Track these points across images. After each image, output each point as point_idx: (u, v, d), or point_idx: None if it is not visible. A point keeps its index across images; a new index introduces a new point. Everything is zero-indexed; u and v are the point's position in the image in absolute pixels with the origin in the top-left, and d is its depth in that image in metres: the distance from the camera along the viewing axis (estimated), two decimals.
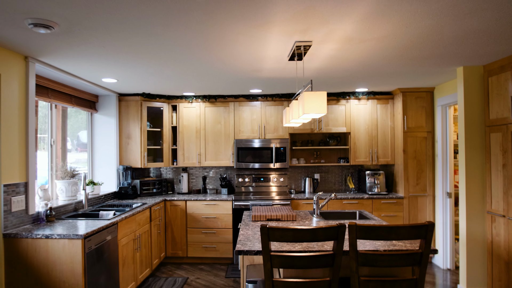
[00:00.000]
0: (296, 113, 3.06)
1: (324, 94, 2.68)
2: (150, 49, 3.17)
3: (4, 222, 3.10)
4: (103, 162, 5.46)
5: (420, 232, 2.21)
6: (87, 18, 2.42)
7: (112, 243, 3.65)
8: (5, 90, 3.12)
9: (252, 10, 2.31)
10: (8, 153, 3.14)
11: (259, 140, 5.70)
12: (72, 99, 4.73)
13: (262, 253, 2.23)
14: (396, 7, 2.28)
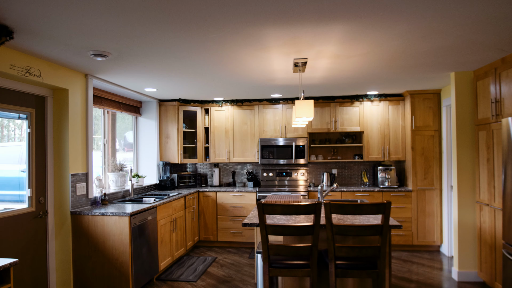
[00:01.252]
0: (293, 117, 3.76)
1: (311, 102, 3.37)
2: (180, 67, 3.99)
3: (71, 203, 4.04)
4: (146, 158, 6.40)
5: (379, 208, 2.84)
6: (132, 49, 3.26)
7: (152, 223, 4.52)
8: (72, 101, 4.06)
9: (253, 39, 3.04)
10: (74, 149, 4.08)
11: (280, 139, 6.41)
12: (121, 106, 5.69)
13: (259, 223, 2.96)
14: (364, 33, 2.93)
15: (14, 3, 2.25)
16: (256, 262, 3.69)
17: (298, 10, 2.41)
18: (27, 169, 3.76)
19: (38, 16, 2.47)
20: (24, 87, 3.63)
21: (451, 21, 2.68)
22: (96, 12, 2.40)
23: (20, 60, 3.30)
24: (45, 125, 3.97)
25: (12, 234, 3.50)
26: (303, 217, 3.74)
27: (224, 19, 2.57)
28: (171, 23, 2.64)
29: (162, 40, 3.02)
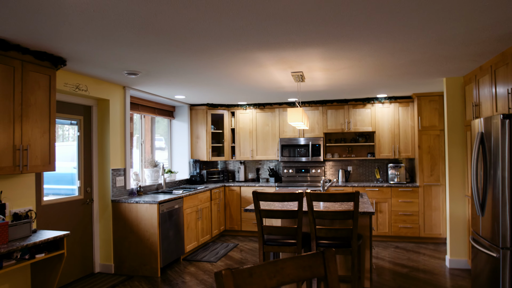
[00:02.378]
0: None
1: (300, 110, 4.00)
2: (198, 80, 4.76)
3: (112, 193, 4.94)
4: (179, 156, 7.28)
5: (350, 197, 3.43)
6: (156, 68, 4.07)
7: (179, 211, 5.34)
8: (112, 109, 4.96)
9: (249, 60, 3.74)
10: (114, 148, 4.98)
11: (299, 138, 7.04)
12: (155, 111, 6.58)
13: (254, 208, 3.66)
14: (339, 54, 3.52)
15: (67, 42, 3.10)
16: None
17: (279, 40, 3.08)
18: (77, 165, 4.71)
19: (84, 50, 3.33)
20: (74, 99, 4.57)
21: (409, 43, 3.22)
22: (126, 46, 3.21)
23: (71, 79, 4.22)
24: (91, 129, 4.90)
25: (67, 215, 4.44)
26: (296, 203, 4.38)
27: (221, 49, 3.29)
28: (180, 52, 3.40)
29: (177, 62, 3.80)
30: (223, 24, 2.69)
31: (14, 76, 3.18)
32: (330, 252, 1.43)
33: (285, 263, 1.37)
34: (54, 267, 3.51)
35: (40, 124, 3.45)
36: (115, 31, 2.83)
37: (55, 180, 4.60)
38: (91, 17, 2.51)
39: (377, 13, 2.50)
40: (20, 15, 2.47)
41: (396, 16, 2.57)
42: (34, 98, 3.38)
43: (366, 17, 2.58)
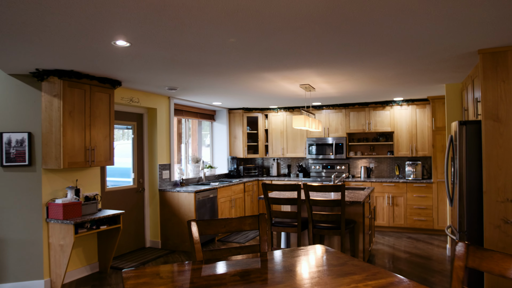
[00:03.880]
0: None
1: (301, 117, 4.85)
2: (223, 92, 5.76)
3: (159, 183, 6.11)
4: (219, 153, 8.37)
5: (337, 188, 4.24)
6: (189, 84, 5.13)
7: (214, 200, 6.40)
8: (159, 116, 6.13)
9: (259, 78, 4.66)
10: (161, 148, 6.15)
11: (324, 138, 7.82)
12: (198, 115, 7.71)
13: (264, 196, 4.58)
14: (330, 71, 4.32)
15: (120, 71, 4.24)
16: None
17: (274, 66, 3.98)
18: (132, 161, 5.93)
19: (133, 75, 4.46)
20: (129, 109, 5.78)
21: (388, 61, 3.96)
22: (162, 73, 4.28)
23: (126, 94, 5.41)
24: (142, 132, 6.10)
25: (124, 200, 5.67)
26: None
27: (234, 72, 4.26)
28: (201, 75, 4.42)
29: (201, 81, 4.83)
30: (230, 59, 3.65)
31: (85, 96, 4.38)
32: (263, 216, 2.35)
33: (232, 220, 2.32)
34: (113, 237, 4.70)
35: (103, 130, 4.65)
36: (151, 65, 3.90)
37: (117, 173, 5.86)
38: (133, 58, 3.59)
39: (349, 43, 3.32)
40: (89, 57, 3.60)
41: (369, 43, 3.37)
42: (98, 111, 4.58)
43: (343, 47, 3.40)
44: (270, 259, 2.16)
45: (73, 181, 4.57)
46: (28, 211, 4.18)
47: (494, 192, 3.55)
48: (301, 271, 1.96)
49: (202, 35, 2.90)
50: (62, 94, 4.12)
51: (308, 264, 2.08)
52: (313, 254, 2.26)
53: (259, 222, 2.33)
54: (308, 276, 1.86)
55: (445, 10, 2.40)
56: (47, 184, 4.28)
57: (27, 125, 4.20)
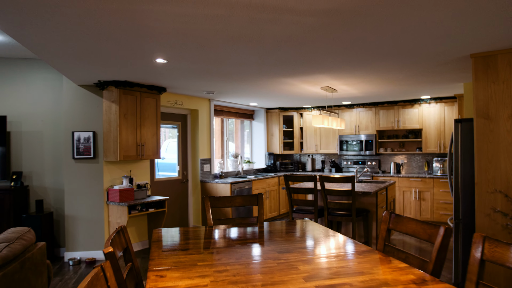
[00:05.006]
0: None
1: (319, 117, 5.43)
2: (253, 94, 6.47)
3: (200, 175, 6.97)
4: (257, 149, 9.11)
5: (348, 179, 4.79)
6: (224, 89, 5.90)
7: (249, 191, 7.15)
8: (201, 116, 6.98)
9: (281, 82, 5.31)
10: (202, 144, 7.00)
11: (354, 135, 8.28)
12: (237, 115, 8.50)
13: (286, 187, 5.25)
14: (343, 75, 4.87)
15: (165, 80, 5.10)
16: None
17: (290, 73, 4.62)
18: (177, 155, 6.84)
19: (176, 83, 5.31)
20: (175, 111, 6.69)
21: (394, 65, 4.46)
22: (199, 80, 5.09)
23: (171, 97, 6.31)
24: (186, 131, 6.99)
25: (170, 189, 6.59)
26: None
27: (258, 78, 4.95)
28: (232, 81, 5.16)
29: (233, 85, 5.57)
30: (251, 69, 4.36)
31: (136, 101, 5.30)
32: (260, 196, 3.04)
33: (237, 197, 3.03)
34: (160, 219, 5.60)
35: (151, 129, 5.56)
36: (186, 75, 4.71)
37: (167, 168, 6.81)
38: (171, 71, 4.41)
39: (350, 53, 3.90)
40: (138, 71, 4.48)
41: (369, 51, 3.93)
42: (147, 113, 5.49)
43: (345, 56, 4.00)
44: (264, 226, 2.84)
45: (127, 171, 5.53)
46: (93, 194, 5.18)
47: (484, 184, 3.94)
48: (284, 234, 2.62)
49: (220, 53, 3.64)
50: (118, 100, 5.06)
51: (290, 229, 2.74)
52: (293, 224, 2.91)
53: (258, 200, 3.02)
54: (286, 235, 2.52)
55: (439, 19, 2.75)
56: (107, 173, 5.26)
57: (92, 125, 5.20)
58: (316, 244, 2.33)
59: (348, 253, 2.11)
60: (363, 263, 1.89)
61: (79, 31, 2.90)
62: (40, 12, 2.47)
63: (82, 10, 2.45)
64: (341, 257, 2.01)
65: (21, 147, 5.26)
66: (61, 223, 5.37)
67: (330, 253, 2.12)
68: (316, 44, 3.34)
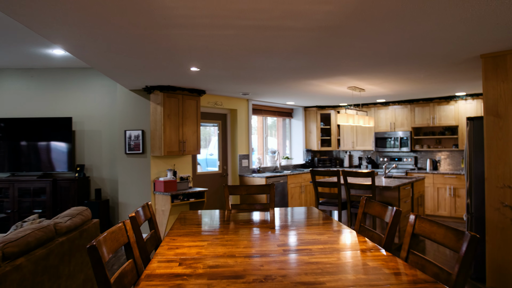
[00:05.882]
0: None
1: (344, 115, 5.78)
2: (285, 94, 6.93)
3: (239, 170, 7.57)
4: (295, 145, 9.56)
5: (369, 174, 5.13)
6: (258, 90, 6.44)
7: (284, 185, 7.64)
8: (239, 115, 7.58)
9: (308, 84, 5.74)
10: (240, 141, 7.60)
11: (390, 132, 8.46)
12: (275, 113, 9.01)
13: (312, 181, 5.68)
14: (367, 77, 5.20)
15: (204, 84, 5.73)
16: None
17: (314, 76, 5.05)
18: (218, 152, 7.50)
19: (214, 86, 5.94)
20: (215, 111, 7.34)
21: (411, 66, 4.74)
22: (235, 83, 5.67)
23: (211, 98, 6.96)
24: (226, 129, 7.63)
25: (211, 182, 7.26)
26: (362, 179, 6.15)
27: (282, 80, 5.43)
28: (264, 83, 5.68)
29: (265, 87, 6.08)
30: (273, 73, 4.85)
31: (178, 103, 6.00)
32: (272, 185, 3.55)
33: (252, 187, 3.56)
34: (200, 208, 6.27)
35: (192, 127, 6.23)
36: (219, 80, 5.30)
37: (213, 163, 7.50)
38: (205, 76, 5.02)
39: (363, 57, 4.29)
40: (178, 77, 5.14)
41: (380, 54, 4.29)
42: (188, 113, 6.17)
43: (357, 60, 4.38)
44: (274, 211, 3.35)
45: (171, 165, 6.25)
46: (142, 185, 5.97)
47: (494, 179, 4.13)
48: (290, 218, 3.11)
49: (241, 62, 4.17)
50: (163, 102, 5.78)
51: (298, 216, 3.22)
52: (298, 211, 3.38)
53: (270, 189, 3.53)
54: (284, 218, 3.01)
55: (450, 21, 2.93)
56: (154, 166, 6.01)
57: (141, 124, 5.98)
58: (304, 224, 2.79)
59: (326, 231, 2.55)
60: (333, 237, 2.34)
61: (127, 51, 3.58)
62: (97, 37, 3.16)
63: (129, 36, 3.10)
64: (318, 233, 2.46)
65: (84, 143, 6.17)
66: (116, 209, 6.22)
67: (311, 230, 2.57)
68: (324, 51, 3.77)
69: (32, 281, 2.30)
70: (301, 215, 3.18)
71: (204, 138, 7.76)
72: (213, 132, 7.82)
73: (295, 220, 2.95)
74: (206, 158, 7.77)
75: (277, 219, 2.98)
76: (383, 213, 2.33)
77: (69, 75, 6.22)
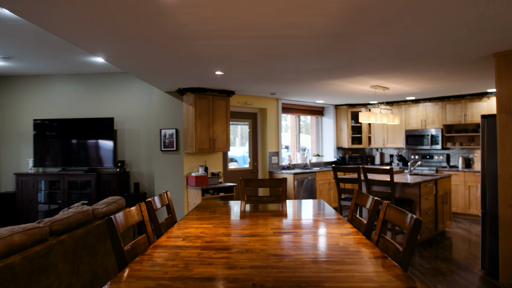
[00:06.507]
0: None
1: (365, 113, 5.96)
2: (314, 92, 7.18)
3: (268, 166, 7.93)
4: (326, 143, 9.77)
5: (387, 171, 5.31)
6: (284, 90, 6.76)
7: (312, 181, 7.91)
8: (269, 114, 7.93)
9: (330, 83, 5.98)
10: (270, 139, 7.95)
11: (420, 130, 8.47)
12: (306, 111, 9.26)
13: (334, 177, 5.93)
14: (381, 76, 5.38)
15: (232, 85, 6.15)
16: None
17: (336, 76, 5.31)
18: (249, 149, 7.90)
19: (243, 87, 6.34)
20: (245, 110, 7.74)
21: (428, 66, 4.88)
22: (262, 84, 6.04)
23: (241, 98, 7.36)
24: (256, 127, 8.01)
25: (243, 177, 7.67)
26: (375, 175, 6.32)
27: (305, 81, 5.71)
28: (286, 84, 6.00)
29: (291, 87, 6.39)
30: (292, 75, 5.16)
31: (209, 103, 6.45)
32: (284, 180, 3.88)
33: (265, 181, 3.92)
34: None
35: (221, 126, 6.67)
36: (242, 82, 5.68)
37: (246, 161, 7.93)
38: (231, 79, 5.42)
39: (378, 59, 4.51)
40: (206, 80, 5.58)
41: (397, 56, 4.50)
42: (218, 113, 6.61)
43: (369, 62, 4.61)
44: (285, 203, 3.68)
45: (203, 162, 6.73)
46: (176, 180, 6.49)
47: (507, 176, 4.19)
48: (297, 209, 3.44)
49: (260, 66, 4.53)
50: (194, 103, 6.25)
51: (305, 208, 3.53)
52: (308, 203, 3.68)
53: (282, 183, 3.87)
54: (297, 210, 3.34)
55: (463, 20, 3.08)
56: (187, 162, 6.52)
57: (175, 124, 6.50)
58: (305, 213, 3.09)
59: (320, 218, 2.85)
60: (323, 223, 2.64)
61: (156, 59, 4.05)
62: (130, 49, 3.64)
63: (156, 47, 3.56)
64: (312, 220, 2.77)
65: (124, 141, 6.80)
66: None
67: (308, 218, 2.88)
68: (334, 55, 4.04)
69: (73, 254, 2.80)
70: (307, 207, 3.49)
71: (241, 136, 8.22)
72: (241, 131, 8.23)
73: (300, 211, 3.26)
74: (243, 156, 8.18)
75: (285, 209, 3.32)
76: (366, 202, 2.61)
77: (111, 79, 6.87)
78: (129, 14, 2.65)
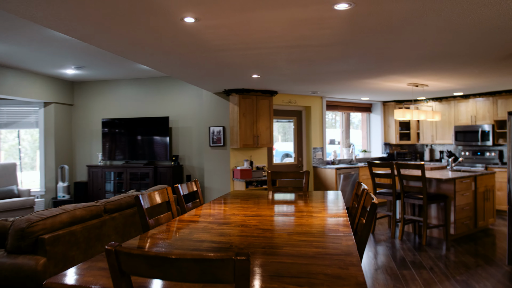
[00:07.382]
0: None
1: (400, 111, 6.11)
2: (353, 89, 7.42)
3: (313, 161, 8.31)
4: (374, 139, 9.87)
5: (419, 166, 5.47)
6: (325, 89, 7.10)
7: (355, 176, 8.15)
8: (313, 112, 8.30)
9: (365, 82, 6.22)
10: (314, 135, 8.32)
11: (470, 125, 8.30)
12: (352, 108, 9.46)
13: (370, 173, 6.19)
14: (412, 74, 5.53)
15: (275, 86, 6.64)
16: None
17: (369, 76, 5.58)
18: (293, 145, 8.34)
19: (285, 87, 6.80)
20: (290, 108, 8.19)
21: (455, 64, 5.00)
22: (304, 85, 6.46)
23: (284, 97, 7.82)
24: (301, 124, 8.42)
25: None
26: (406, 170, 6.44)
27: (344, 81, 6.03)
28: (324, 84, 6.35)
29: (328, 86, 6.72)
30: (327, 76, 5.53)
31: (253, 103, 7.00)
32: (307, 172, 4.32)
33: (289, 173, 4.39)
34: None
35: (265, 124, 7.19)
36: (280, 83, 6.14)
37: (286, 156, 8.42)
38: (268, 80, 5.90)
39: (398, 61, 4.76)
40: (247, 82, 6.13)
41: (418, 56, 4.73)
42: (262, 111, 7.13)
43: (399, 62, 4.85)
44: (308, 193, 4.11)
45: (248, 156, 7.31)
46: (223, 172, 7.14)
47: None
48: (313, 198, 3.86)
49: (288, 69, 4.96)
50: (239, 103, 6.84)
51: (320, 197, 3.95)
52: (327, 194, 4.07)
53: (304, 175, 4.30)
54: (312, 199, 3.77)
55: (479, 18, 3.58)
56: (233, 157, 7.14)
57: (222, 121, 7.15)
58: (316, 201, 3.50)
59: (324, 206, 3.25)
60: (323, 210, 3.04)
61: (197, 67, 4.68)
62: (174, 60, 4.30)
63: (195, 57, 4.17)
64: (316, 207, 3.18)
65: (178, 137, 7.61)
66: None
67: (315, 205, 3.29)
68: (354, 59, 4.37)
69: (123, 229, 3.50)
70: (323, 197, 3.90)
71: (291, 132, 8.70)
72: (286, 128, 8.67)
73: (313, 200, 3.68)
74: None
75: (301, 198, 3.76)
76: (359, 190, 2.97)
77: (166, 82, 7.71)
78: (163, 36, 3.27)
